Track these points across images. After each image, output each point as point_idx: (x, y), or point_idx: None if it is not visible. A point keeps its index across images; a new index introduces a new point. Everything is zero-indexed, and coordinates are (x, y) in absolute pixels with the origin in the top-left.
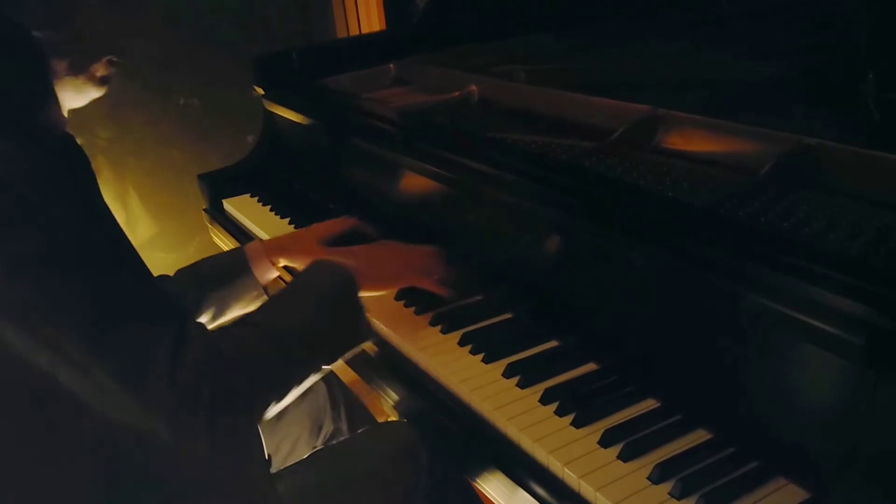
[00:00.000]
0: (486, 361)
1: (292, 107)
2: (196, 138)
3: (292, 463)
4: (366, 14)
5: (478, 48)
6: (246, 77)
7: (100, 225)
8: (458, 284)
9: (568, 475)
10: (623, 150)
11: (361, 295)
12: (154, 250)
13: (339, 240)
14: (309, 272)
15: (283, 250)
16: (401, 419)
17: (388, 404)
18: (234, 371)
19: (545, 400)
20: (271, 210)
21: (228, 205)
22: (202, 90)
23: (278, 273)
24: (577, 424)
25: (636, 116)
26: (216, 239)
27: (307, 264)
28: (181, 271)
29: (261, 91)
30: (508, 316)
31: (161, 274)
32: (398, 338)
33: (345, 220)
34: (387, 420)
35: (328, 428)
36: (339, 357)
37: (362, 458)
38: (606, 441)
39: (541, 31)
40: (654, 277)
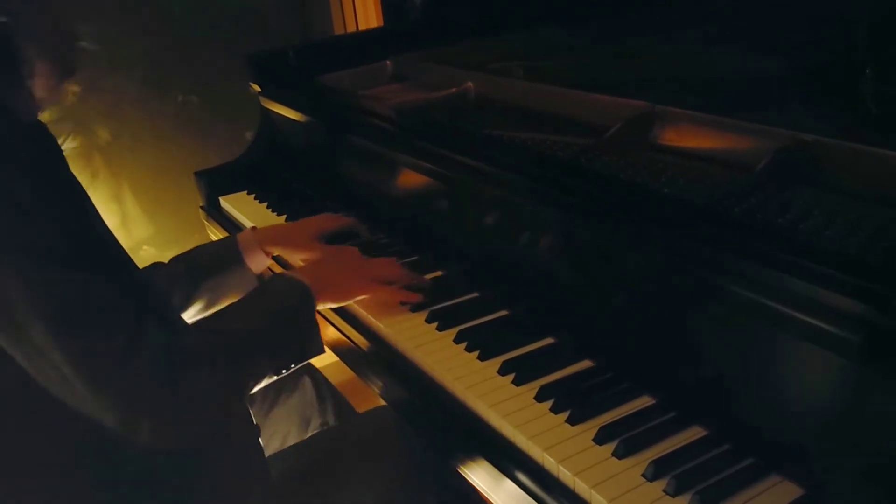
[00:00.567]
0: (482, 359)
1: (289, 104)
2: (194, 135)
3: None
4: (363, 10)
5: (475, 45)
6: (244, 74)
7: (63, 216)
8: (430, 291)
9: (563, 472)
10: (619, 147)
11: (320, 308)
12: (152, 248)
13: (332, 238)
14: (267, 284)
15: (276, 242)
16: (391, 408)
17: (378, 396)
18: (184, 371)
19: (540, 397)
20: (268, 207)
21: (225, 202)
22: (200, 87)
23: (270, 263)
24: (572, 422)
25: (633, 113)
26: (213, 236)
27: (298, 255)
28: (174, 259)
29: (257, 88)
30: (504, 313)
31: (154, 262)
32: (393, 334)
33: (339, 218)
34: (378, 407)
35: (315, 422)
36: (289, 366)
37: (351, 445)
38: (601, 438)
39: (538, 28)
40: (650, 274)
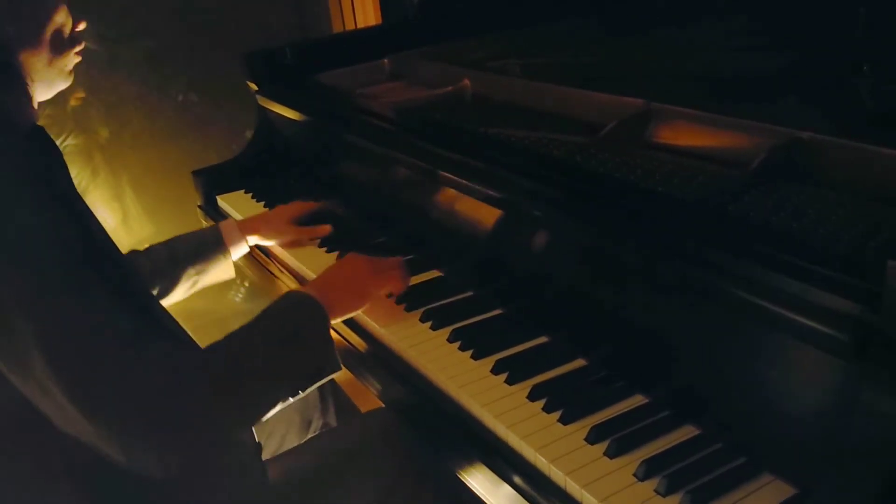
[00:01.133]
0: (475, 358)
1: (286, 103)
2: (194, 134)
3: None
4: (362, 9)
5: (472, 42)
6: (242, 73)
7: (65, 237)
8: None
9: (554, 472)
10: (615, 145)
11: (334, 322)
12: None
13: (308, 220)
14: (276, 303)
15: (256, 229)
16: (387, 408)
17: (376, 398)
18: (189, 400)
19: (533, 396)
20: (265, 206)
21: (222, 201)
22: (200, 86)
23: (250, 249)
24: (565, 421)
25: (629, 110)
26: None
27: (277, 239)
28: (155, 247)
29: (254, 87)
30: (498, 312)
31: (132, 249)
32: (388, 334)
33: (309, 203)
34: (376, 408)
35: (317, 423)
36: (307, 388)
37: (350, 446)
38: (593, 438)
39: (534, 26)
40: (643, 273)
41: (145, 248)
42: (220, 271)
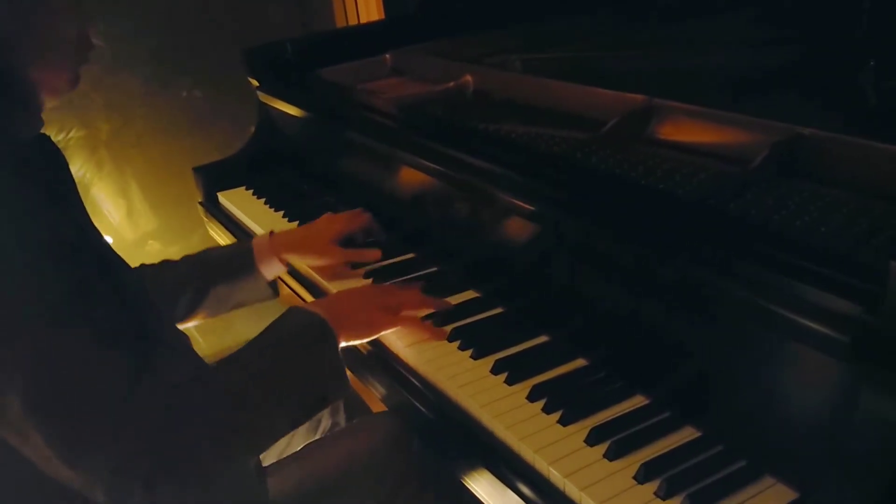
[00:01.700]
0: (475, 357)
1: (287, 99)
2: (199, 130)
3: (285, 456)
4: (364, 4)
5: (473, 38)
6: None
7: (60, 269)
8: (471, 306)
9: (553, 474)
10: (616, 141)
11: (343, 345)
12: (157, 242)
13: (350, 239)
14: (279, 322)
15: (292, 248)
16: (390, 411)
17: (377, 399)
18: (179, 438)
19: (532, 397)
20: (265, 203)
21: (223, 198)
22: (204, 82)
23: (284, 269)
24: (564, 422)
25: (631, 106)
26: (212, 233)
27: (321, 263)
28: (186, 260)
29: (256, 83)
30: (499, 311)
31: (164, 260)
32: (388, 333)
33: (356, 216)
34: (378, 413)
35: (326, 423)
36: (309, 416)
37: (353, 451)
38: (593, 439)
39: (536, 21)
40: (644, 272)
41: (178, 259)
42: (251, 292)
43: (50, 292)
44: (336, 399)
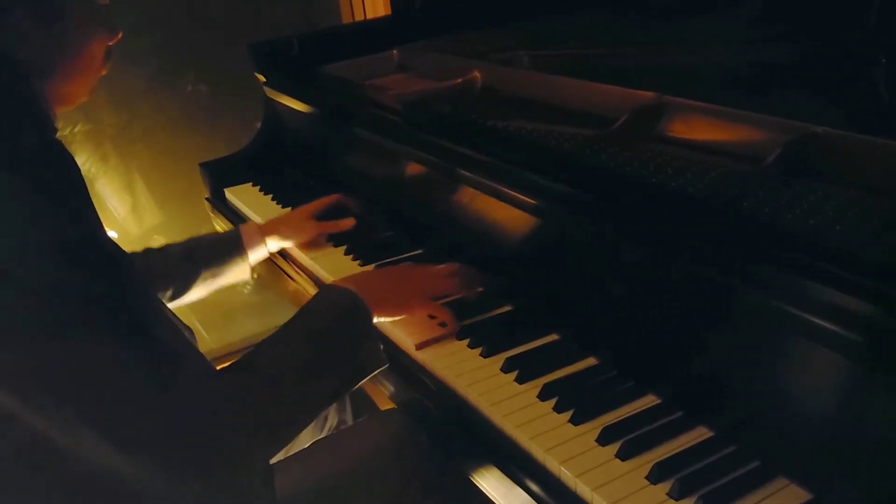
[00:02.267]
0: (485, 356)
1: (294, 95)
2: (204, 125)
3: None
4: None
5: (481, 34)
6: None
7: (84, 275)
8: (481, 303)
9: (564, 474)
10: (626, 139)
11: (375, 321)
12: (162, 237)
13: (330, 213)
14: (314, 300)
15: (275, 230)
16: (398, 409)
17: (386, 396)
18: (229, 427)
19: (544, 396)
20: (273, 199)
21: (230, 194)
22: (210, 77)
23: (270, 255)
24: (575, 422)
25: (641, 103)
26: (219, 228)
27: (301, 239)
28: (171, 246)
29: (262, 79)
30: (508, 308)
31: (146, 248)
32: (394, 330)
33: (330, 197)
34: (386, 409)
35: (333, 420)
36: (348, 390)
37: (360, 448)
38: (605, 439)
39: (544, 16)
40: (655, 270)
41: (161, 247)
42: (235, 273)
43: (78, 296)
44: (374, 369)
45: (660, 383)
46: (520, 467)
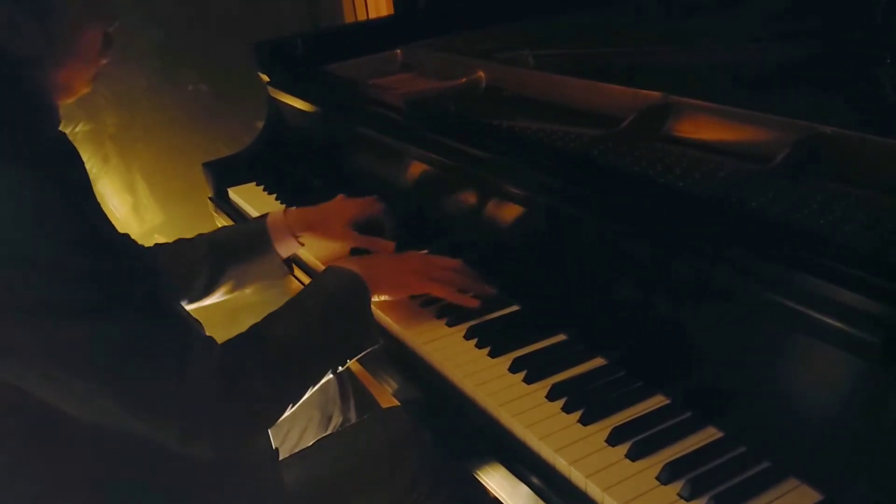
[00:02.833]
0: (493, 355)
1: (297, 94)
2: (205, 125)
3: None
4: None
5: (485, 33)
6: (254, 63)
7: (95, 257)
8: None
9: (574, 474)
10: (633, 138)
11: (375, 300)
12: (163, 236)
13: (365, 226)
14: (318, 279)
15: (309, 227)
16: (403, 407)
17: (392, 395)
18: (239, 392)
19: (552, 396)
20: (276, 199)
21: (233, 193)
22: (212, 76)
23: (299, 247)
24: (585, 422)
25: (647, 103)
26: None
27: (331, 241)
28: (202, 237)
29: (266, 78)
30: (515, 309)
31: (179, 238)
32: (403, 330)
33: (372, 204)
34: (391, 407)
35: (337, 419)
36: (345, 362)
37: (364, 446)
38: (614, 439)
39: (549, 15)
40: (664, 270)
41: (190, 239)
42: (267, 270)
43: (98, 279)
44: (369, 347)
45: (668, 384)
46: (527, 466)
